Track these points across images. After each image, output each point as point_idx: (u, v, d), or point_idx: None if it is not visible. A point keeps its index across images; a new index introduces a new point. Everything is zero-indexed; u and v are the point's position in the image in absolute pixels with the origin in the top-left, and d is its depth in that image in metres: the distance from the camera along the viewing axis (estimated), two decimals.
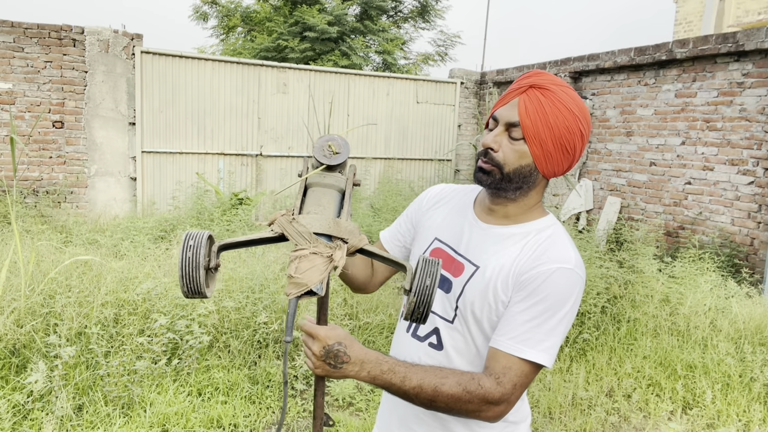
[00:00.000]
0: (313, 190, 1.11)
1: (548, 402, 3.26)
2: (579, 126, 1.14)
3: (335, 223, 1.03)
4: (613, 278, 4.47)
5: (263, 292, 3.63)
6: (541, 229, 1.19)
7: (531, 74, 1.17)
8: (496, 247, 1.19)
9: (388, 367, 1.07)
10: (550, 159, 1.15)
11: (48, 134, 6.73)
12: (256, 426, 2.91)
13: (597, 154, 7.53)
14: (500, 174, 1.16)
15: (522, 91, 1.14)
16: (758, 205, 5.48)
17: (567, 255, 1.13)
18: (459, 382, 1.07)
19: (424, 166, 9.21)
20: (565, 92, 1.14)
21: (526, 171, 1.15)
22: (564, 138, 1.13)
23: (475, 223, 1.25)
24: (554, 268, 1.11)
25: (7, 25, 6.40)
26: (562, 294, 1.10)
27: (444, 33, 14.05)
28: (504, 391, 1.07)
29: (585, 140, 1.17)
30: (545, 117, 1.11)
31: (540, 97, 1.12)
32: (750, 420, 3.19)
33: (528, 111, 1.12)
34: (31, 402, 2.65)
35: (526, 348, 1.09)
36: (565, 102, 1.13)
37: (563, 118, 1.12)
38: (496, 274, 1.16)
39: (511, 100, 1.15)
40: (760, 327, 3.89)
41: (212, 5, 13.31)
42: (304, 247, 0.99)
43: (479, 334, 1.19)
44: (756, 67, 5.54)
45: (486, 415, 1.09)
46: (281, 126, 8.00)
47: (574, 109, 1.13)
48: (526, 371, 1.09)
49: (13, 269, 3.55)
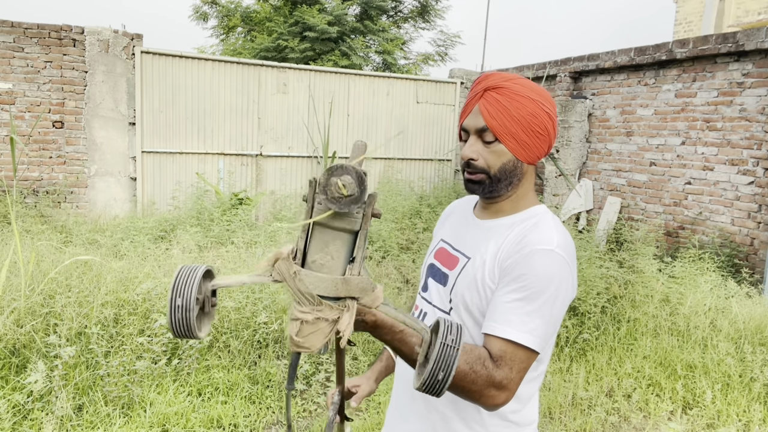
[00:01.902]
0: (319, 231, 0.92)
1: (548, 402, 3.26)
2: (542, 108, 1.19)
3: (343, 282, 0.89)
4: (613, 278, 4.48)
5: (263, 292, 3.63)
6: (528, 218, 1.23)
7: (481, 79, 1.23)
8: (485, 238, 1.24)
9: (400, 336, 1.05)
10: (527, 147, 1.20)
11: (48, 134, 6.73)
12: (256, 426, 2.91)
13: (597, 154, 7.53)
14: (489, 178, 1.21)
15: (479, 96, 1.20)
16: (758, 205, 5.48)
17: (548, 237, 1.15)
18: (467, 360, 1.06)
19: (424, 166, 9.21)
20: (518, 83, 1.19)
21: (510, 166, 1.21)
22: (532, 123, 1.18)
23: (472, 220, 1.32)
24: (534, 250, 1.13)
25: (7, 25, 6.40)
26: (542, 275, 1.11)
27: (444, 33, 14.06)
28: (504, 374, 1.08)
29: (553, 118, 1.22)
30: (508, 112, 1.17)
31: (496, 96, 1.18)
32: (750, 420, 3.19)
33: (491, 113, 1.18)
34: (31, 402, 2.65)
35: (509, 329, 1.09)
36: (521, 92, 1.18)
37: (524, 107, 1.17)
38: (483, 262, 1.20)
39: (472, 109, 1.21)
40: (760, 327, 3.89)
41: (212, 5, 13.31)
42: (306, 311, 0.89)
43: (472, 323, 1.22)
44: (756, 67, 5.54)
45: (486, 401, 1.08)
46: (281, 126, 8.00)
47: (532, 95, 1.18)
48: (519, 355, 1.09)
49: (13, 269, 3.55)
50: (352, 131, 8.55)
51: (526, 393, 1.23)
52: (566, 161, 7.69)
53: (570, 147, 7.65)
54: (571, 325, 3.92)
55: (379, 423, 2.96)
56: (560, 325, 1.24)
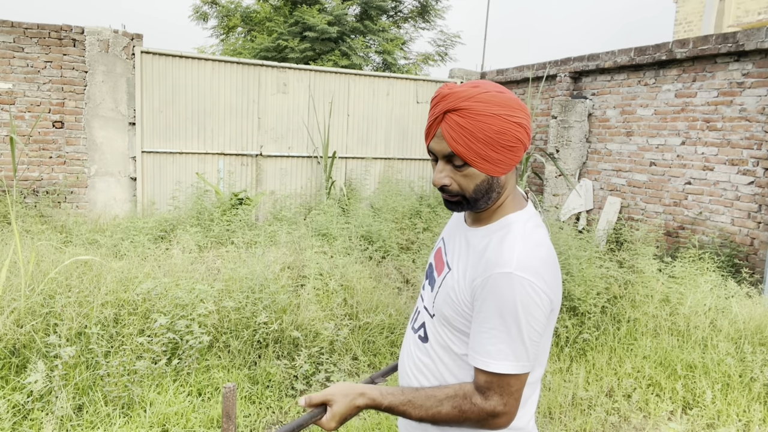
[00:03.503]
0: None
1: (548, 402, 3.26)
2: (508, 120, 1.12)
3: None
4: (613, 278, 4.48)
5: (263, 292, 3.63)
6: (498, 229, 1.20)
7: (439, 99, 1.16)
8: (465, 251, 1.24)
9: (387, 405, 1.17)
10: (499, 163, 1.15)
11: (48, 134, 6.73)
12: (256, 426, 2.91)
13: (597, 154, 7.53)
14: (464, 199, 1.19)
15: (440, 120, 1.15)
16: (758, 205, 5.48)
17: (507, 257, 1.10)
18: (454, 405, 1.13)
19: (425, 166, 9.21)
20: (479, 101, 1.12)
21: (484, 185, 1.17)
22: (500, 140, 1.13)
23: (462, 225, 1.32)
24: (490, 275, 1.10)
25: (7, 25, 6.40)
26: (505, 301, 1.08)
27: (444, 33, 14.06)
28: (495, 404, 1.11)
29: (524, 125, 1.15)
30: (473, 134, 1.11)
31: (458, 119, 1.11)
32: (750, 420, 3.19)
33: (455, 138, 1.12)
34: (31, 402, 2.65)
35: (490, 360, 1.10)
36: (482, 111, 1.11)
37: (489, 126, 1.11)
38: (458, 278, 1.21)
39: (435, 132, 1.16)
40: (760, 327, 3.89)
41: (212, 5, 13.31)
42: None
43: (451, 330, 1.23)
44: (756, 67, 5.54)
45: (491, 426, 1.14)
46: (281, 126, 8.00)
47: (496, 110, 1.12)
48: (506, 380, 1.11)
49: (13, 269, 3.55)
50: (352, 131, 8.55)
51: (522, 397, 1.23)
52: (566, 161, 7.69)
53: (570, 147, 7.65)
54: (571, 325, 3.92)
55: (379, 423, 2.96)
56: (557, 324, 1.26)
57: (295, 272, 4.44)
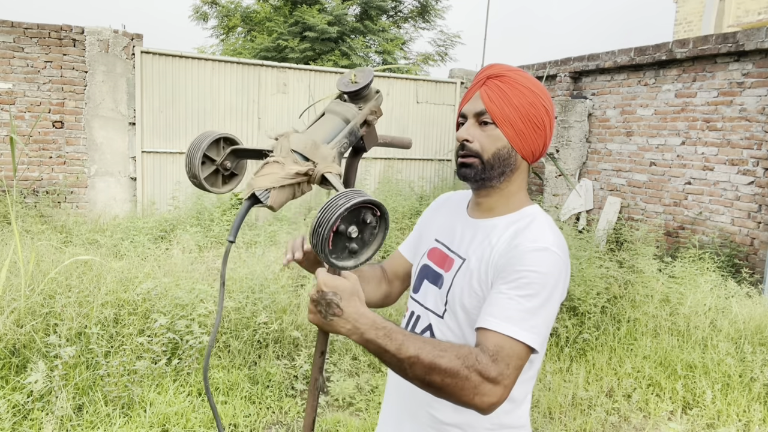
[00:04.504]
0: (324, 116, 1.15)
1: (548, 402, 3.26)
2: (541, 101, 1.20)
3: (313, 145, 1.04)
4: (613, 278, 4.48)
5: (263, 292, 3.63)
6: (522, 218, 1.22)
7: (485, 68, 1.25)
8: (480, 239, 1.23)
9: (384, 332, 0.99)
10: (523, 137, 1.20)
11: (48, 134, 6.73)
12: (256, 426, 2.91)
13: (597, 154, 7.53)
14: (481, 163, 1.20)
15: (481, 84, 1.22)
16: (758, 205, 5.48)
17: (543, 235, 1.14)
18: (458, 355, 1.00)
19: (424, 166, 9.21)
20: (520, 75, 1.21)
21: (504, 153, 1.20)
22: (530, 114, 1.19)
23: (465, 219, 1.31)
24: (530, 248, 1.12)
25: (7, 25, 6.40)
26: (541, 272, 1.09)
27: (444, 33, 14.07)
28: (500, 369, 1.01)
29: (551, 115, 1.22)
30: (508, 99, 1.18)
31: (498, 83, 1.19)
32: (750, 420, 3.19)
33: (491, 98, 1.19)
34: (31, 402, 2.65)
35: (511, 326, 1.05)
36: (522, 83, 1.19)
37: (525, 97, 1.18)
38: (479, 264, 1.19)
39: (473, 95, 1.23)
40: (760, 327, 3.89)
41: (212, 5, 13.31)
42: (274, 155, 1.03)
43: (469, 325, 1.20)
44: (756, 67, 5.54)
45: (482, 400, 1.00)
46: (281, 126, 7.99)
47: (533, 87, 1.20)
48: (517, 351, 1.05)
49: (13, 269, 3.55)
50: None
51: (520, 394, 1.22)
52: (566, 161, 7.69)
53: (570, 147, 7.65)
54: (571, 325, 3.92)
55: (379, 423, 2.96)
56: (557, 324, 1.24)
57: (295, 272, 4.44)
